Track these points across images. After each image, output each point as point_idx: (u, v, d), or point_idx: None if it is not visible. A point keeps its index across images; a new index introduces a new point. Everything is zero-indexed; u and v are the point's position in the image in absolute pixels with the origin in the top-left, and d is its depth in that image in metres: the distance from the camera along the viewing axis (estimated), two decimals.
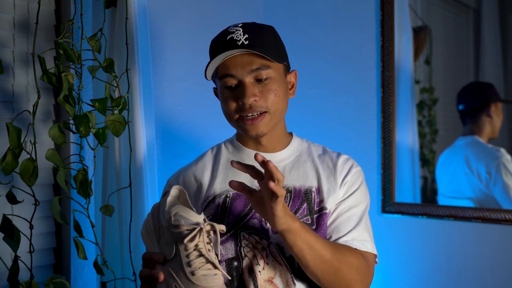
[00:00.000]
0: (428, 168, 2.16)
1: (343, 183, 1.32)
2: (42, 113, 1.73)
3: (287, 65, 1.32)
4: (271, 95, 1.25)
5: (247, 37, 1.23)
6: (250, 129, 1.26)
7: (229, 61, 1.24)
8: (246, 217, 1.28)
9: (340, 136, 2.26)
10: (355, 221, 1.29)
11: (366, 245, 1.28)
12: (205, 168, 1.36)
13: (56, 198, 1.50)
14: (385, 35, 2.15)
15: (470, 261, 2.00)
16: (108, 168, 1.72)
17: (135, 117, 1.68)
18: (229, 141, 1.39)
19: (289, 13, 2.38)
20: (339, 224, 1.28)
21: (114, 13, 1.69)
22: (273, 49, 1.26)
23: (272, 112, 1.26)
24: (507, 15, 2.01)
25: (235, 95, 1.25)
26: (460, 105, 2.05)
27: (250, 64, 1.23)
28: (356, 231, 1.28)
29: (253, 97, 1.23)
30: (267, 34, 1.27)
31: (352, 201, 1.31)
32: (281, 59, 1.27)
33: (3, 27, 1.65)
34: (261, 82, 1.25)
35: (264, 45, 1.24)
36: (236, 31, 1.24)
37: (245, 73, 1.23)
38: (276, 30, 1.32)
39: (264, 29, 1.28)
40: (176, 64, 2.05)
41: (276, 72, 1.26)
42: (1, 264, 1.56)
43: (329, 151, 1.39)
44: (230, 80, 1.25)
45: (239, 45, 1.22)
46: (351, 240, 1.26)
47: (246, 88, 1.23)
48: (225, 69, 1.25)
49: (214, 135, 1.97)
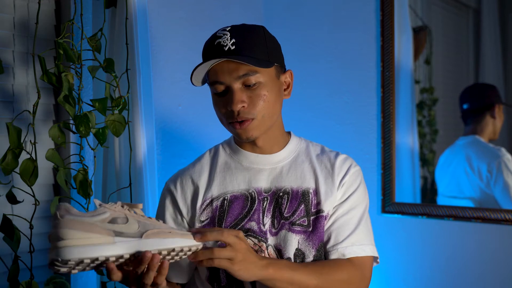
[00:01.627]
0: (428, 168, 2.16)
1: (341, 184, 1.31)
2: (42, 113, 1.73)
3: (279, 66, 1.29)
4: (260, 101, 1.23)
5: (234, 41, 1.21)
6: (240, 133, 1.25)
7: (217, 67, 1.22)
8: (244, 219, 1.28)
9: (340, 136, 2.26)
10: (354, 224, 1.29)
11: (365, 249, 1.28)
12: (202, 171, 1.35)
13: (56, 198, 1.50)
14: (385, 35, 2.15)
15: (470, 261, 2.00)
16: (108, 168, 1.72)
17: (135, 117, 1.68)
18: (227, 143, 1.39)
19: (289, 13, 2.38)
20: (338, 228, 1.28)
21: (114, 13, 1.69)
22: (262, 51, 1.23)
23: (260, 118, 1.24)
24: (507, 15, 2.01)
25: (224, 101, 1.24)
26: (464, 105, 2.04)
27: (237, 70, 1.21)
28: (355, 235, 1.28)
29: (241, 104, 1.22)
30: (256, 37, 1.24)
31: (351, 204, 1.31)
32: (271, 62, 1.24)
33: (3, 27, 1.65)
34: (250, 87, 1.22)
35: (253, 48, 1.22)
36: (224, 35, 1.22)
37: (232, 79, 1.21)
38: (267, 29, 1.29)
39: (253, 31, 1.25)
40: (176, 64, 2.05)
41: (265, 76, 1.24)
42: (1, 264, 1.56)
43: (327, 151, 1.37)
44: (219, 87, 1.23)
45: (225, 50, 1.20)
46: (351, 246, 1.26)
47: (234, 94, 1.21)
48: (214, 75, 1.23)
49: (214, 135, 1.97)
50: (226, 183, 1.31)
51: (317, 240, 1.27)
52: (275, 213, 1.28)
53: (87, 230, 1.03)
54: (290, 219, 1.27)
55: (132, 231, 1.07)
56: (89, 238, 1.02)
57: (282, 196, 1.29)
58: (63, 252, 1.00)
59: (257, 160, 1.32)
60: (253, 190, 1.30)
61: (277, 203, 1.29)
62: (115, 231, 1.05)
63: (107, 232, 1.04)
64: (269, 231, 1.27)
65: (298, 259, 1.26)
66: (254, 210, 1.28)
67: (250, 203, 1.29)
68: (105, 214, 1.06)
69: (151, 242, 1.07)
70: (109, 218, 1.06)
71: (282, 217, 1.27)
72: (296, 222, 1.27)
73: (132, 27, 1.66)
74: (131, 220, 1.08)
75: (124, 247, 1.05)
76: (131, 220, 1.08)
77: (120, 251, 1.04)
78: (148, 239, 1.07)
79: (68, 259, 1.00)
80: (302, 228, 1.27)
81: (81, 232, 1.02)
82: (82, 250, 1.01)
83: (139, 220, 1.09)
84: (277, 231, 1.27)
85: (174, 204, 1.33)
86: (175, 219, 1.33)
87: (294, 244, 1.26)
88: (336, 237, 1.28)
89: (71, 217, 1.03)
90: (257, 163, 1.32)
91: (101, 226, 1.04)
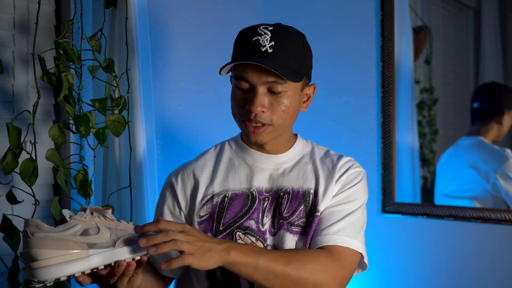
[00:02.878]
0: (428, 168, 2.16)
1: (338, 181, 1.30)
2: (42, 113, 1.73)
3: (307, 78, 1.28)
4: (279, 109, 1.22)
5: (273, 44, 1.19)
6: (251, 136, 1.25)
7: (248, 65, 1.20)
8: (243, 217, 1.28)
9: (340, 136, 2.26)
10: (342, 216, 1.25)
11: (348, 241, 1.22)
12: (205, 166, 1.36)
13: (56, 198, 1.50)
14: (385, 35, 2.15)
15: (470, 261, 2.00)
16: (108, 168, 1.72)
17: (135, 117, 1.68)
18: (234, 140, 1.38)
19: (289, 13, 2.38)
20: (325, 215, 1.25)
21: (114, 13, 1.69)
22: (296, 61, 1.22)
23: (276, 126, 1.24)
24: (507, 15, 2.01)
25: (245, 98, 1.23)
26: (475, 103, 2.03)
27: (267, 75, 1.19)
28: (340, 225, 1.23)
29: (261, 107, 1.21)
30: (295, 44, 1.23)
31: (344, 197, 1.28)
32: (302, 74, 1.23)
33: (3, 27, 1.65)
34: (274, 94, 1.22)
35: (289, 56, 1.21)
36: (264, 34, 1.20)
37: (260, 81, 1.20)
38: (306, 39, 1.28)
39: (293, 37, 1.23)
40: (176, 64, 2.05)
41: (292, 87, 1.23)
42: (1, 264, 1.56)
43: (331, 154, 1.36)
44: (244, 83, 1.22)
45: (262, 51, 1.19)
46: (334, 235, 1.21)
47: (256, 96, 1.20)
48: (242, 71, 1.21)
49: (214, 135, 1.98)
50: (228, 180, 1.32)
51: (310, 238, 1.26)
52: (275, 213, 1.28)
53: (60, 247, 1.02)
54: (289, 219, 1.27)
55: (104, 241, 1.06)
56: (63, 255, 1.01)
57: (282, 196, 1.29)
58: (39, 273, 0.99)
59: (261, 159, 1.32)
60: (254, 189, 1.30)
61: (278, 203, 1.29)
62: (88, 243, 1.04)
63: (80, 246, 1.03)
64: (268, 231, 1.27)
65: None
66: (254, 209, 1.28)
67: (250, 202, 1.29)
68: (76, 226, 1.05)
69: (124, 251, 1.06)
70: (81, 230, 1.05)
71: (281, 217, 1.27)
72: (294, 222, 1.27)
73: (132, 27, 1.66)
74: (102, 229, 1.07)
75: (98, 259, 1.04)
76: (102, 229, 1.07)
77: (95, 264, 1.04)
78: (121, 248, 1.06)
79: (45, 280, 0.99)
80: (300, 229, 1.27)
81: (55, 251, 1.01)
82: (57, 269, 1.00)
83: (110, 227, 1.08)
84: (276, 231, 1.27)
85: (173, 197, 1.34)
86: (172, 211, 1.33)
87: (291, 245, 1.25)
88: (319, 226, 1.24)
89: (42, 235, 1.01)
90: (261, 162, 1.32)
91: (73, 240, 1.03)
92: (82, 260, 1.03)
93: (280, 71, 1.17)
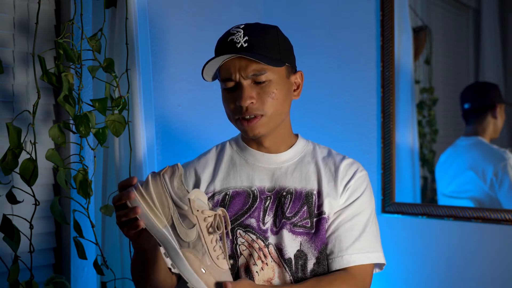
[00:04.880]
0: (428, 168, 2.16)
1: (345, 188, 1.31)
2: (42, 113, 1.73)
3: (290, 66, 1.31)
4: (268, 98, 1.25)
5: (247, 39, 1.23)
6: (247, 130, 1.27)
7: (228, 64, 1.24)
8: (244, 215, 1.28)
9: (340, 136, 2.26)
10: (359, 231, 1.28)
11: (370, 257, 1.27)
12: (207, 165, 1.37)
13: (56, 198, 1.51)
14: (385, 35, 2.15)
15: (470, 261, 2.00)
16: (108, 168, 1.72)
17: (135, 117, 1.68)
18: (234, 140, 1.40)
19: (289, 13, 2.38)
20: (341, 234, 1.27)
21: (114, 13, 1.69)
22: (274, 51, 1.25)
23: (269, 115, 1.26)
24: (507, 15, 2.01)
25: (233, 97, 1.26)
26: (466, 104, 2.04)
27: (248, 67, 1.23)
28: (359, 243, 1.27)
29: (250, 100, 1.23)
30: (269, 36, 1.26)
31: (356, 209, 1.30)
32: (282, 61, 1.26)
33: (3, 27, 1.65)
34: (260, 84, 1.25)
35: (265, 47, 1.24)
36: (237, 32, 1.24)
37: (243, 75, 1.24)
38: (280, 30, 1.31)
39: (266, 30, 1.27)
40: (176, 64, 2.05)
41: (275, 75, 1.26)
42: (1, 264, 1.56)
43: (334, 154, 1.37)
44: (229, 83, 1.26)
45: (238, 47, 1.22)
46: (356, 254, 1.26)
47: (243, 90, 1.24)
48: (225, 71, 1.25)
49: (214, 135, 1.98)
50: (229, 178, 1.33)
51: (320, 242, 1.27)
52: (277, 212, 1.29)
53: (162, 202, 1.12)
54: (291, 220, 1.27)
55: (186, 239, 1.10)
56: (154, 209, 1.11)
57: (285, 196, 1.29)
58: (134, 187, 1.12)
59: (262, 159, 1.33)
60: (255, 188, 1.31)
61: (280, 202, 1.29)
62: (175, 223, 1.11)
63: (169, 220, 1.11)
64: (270, 230, 1.27)
65: (300, 261, 1.26)
66: (255, 208, 1.29)
67: (251, 200, 1.29)
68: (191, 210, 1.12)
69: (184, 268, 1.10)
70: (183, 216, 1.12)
71: (284, 217, 1.27)
72: (298, 223, 1.27)
73: (132, 27, 1.66)
74: (194, 233, 1.11)
75: (166, 241, 1.10)
76: (195, 233, 1.11)
77: (160, 238, 1.11)
78: (186, 264, 1.10)
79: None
80: (304, 230, 1.27)
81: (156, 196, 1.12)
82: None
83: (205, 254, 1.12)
84: (278, 230, 1.27)
85: None
86: None
87: (296, 246, 1.26)
88: (340, 244, 1.27)
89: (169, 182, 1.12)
90: (262, 162, 1.33)
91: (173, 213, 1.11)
92: (158, 224, 1.10)
93: (259, 58, 1.21)
